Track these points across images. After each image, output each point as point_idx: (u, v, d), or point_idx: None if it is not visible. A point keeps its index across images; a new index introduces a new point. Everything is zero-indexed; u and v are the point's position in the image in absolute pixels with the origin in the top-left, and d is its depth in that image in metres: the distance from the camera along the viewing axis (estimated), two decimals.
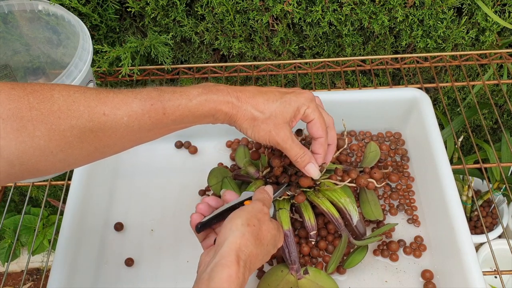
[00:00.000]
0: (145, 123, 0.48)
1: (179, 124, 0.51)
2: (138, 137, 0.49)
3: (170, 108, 0.49)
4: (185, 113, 0.50)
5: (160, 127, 0.50)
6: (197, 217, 0.55)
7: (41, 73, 0.87)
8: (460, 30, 0.87)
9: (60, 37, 0.80)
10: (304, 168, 0.58)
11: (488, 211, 1.16)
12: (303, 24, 0.88)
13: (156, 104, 0.48)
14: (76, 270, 0.63)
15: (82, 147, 0.45)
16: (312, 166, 0.58)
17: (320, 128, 0.57)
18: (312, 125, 0.57)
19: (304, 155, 0.56)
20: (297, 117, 0.56)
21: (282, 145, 0.55)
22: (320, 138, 0.58)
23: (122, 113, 0.46)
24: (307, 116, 0.56)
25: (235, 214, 0.51)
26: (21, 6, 0.77)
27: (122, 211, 0.73)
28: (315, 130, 0.57)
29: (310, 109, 0.56)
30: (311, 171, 0.58)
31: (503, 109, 1.09)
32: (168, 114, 0.49)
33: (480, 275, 0.58)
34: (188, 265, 0.68)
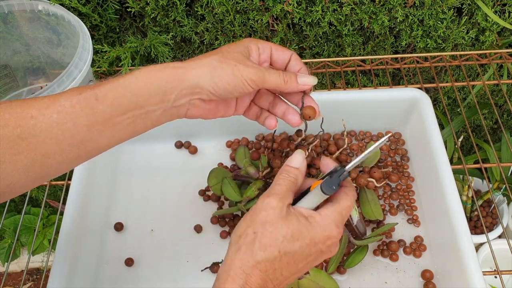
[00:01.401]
0: (79, 116, 0.42)
1: (123, 112, 0.44)
2: (82, 138, 0.43)
3: (102, 91, 0.43)
4: (120, 92, 0.43)
5: (101, 121, 0.43)
6: None
7: (41, 73, 0.87)
8: (460, 30, 0.87)
9: (60, 37, 0.80)
10: (298, 82, 0.51)
11: (488, 211, 1.16)
12: (303, 24, 0.88)
13: (86, 91, 0.43)
14: (76, 270, 0.63)
15: (17, 160, 0.40)
16: (302, 75, 0.51)
17: (283, 49, 0.52)
18: (274, 52, 0.52)
19: (287, 73, 0.50)
20: (253, 52, 0.51)
21: (256, 76, 0.48)
22: (291, 55, 0.53)
23: (51, 111, 0.41)
24: (262, 48, 0.52)
25: (239, 222, 0.45)
26: (21, 6, 0.77)
27: (122, 211, 0.73)
28: (281, 53, 0.52)
29: (263, 43, 0.52)
30: (306, 80, 0.51)
31: (503, 109, 1.09)
32: (101, 98, 0.43)
33: (480, 275, 0.58)
34: (188, 265, 0.68)
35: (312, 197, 0.47)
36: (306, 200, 0.47)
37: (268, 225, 0.43)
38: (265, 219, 0.44)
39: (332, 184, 0.46)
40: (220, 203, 0.74)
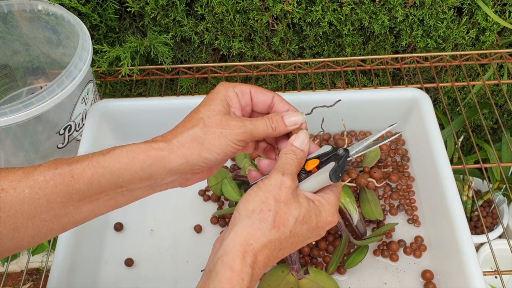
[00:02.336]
0: (52, 192, 0.40)
1: (102, 190, 0.42)
2: (56, 214, 0.41)
3: (79, 168, 0.41)
4: (98, 172, 0.41)
5: (77, 198, 0.41)
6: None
7: (40, 73, 0.86)
8: (460, 30, 0.87)
9: (59, 37, 0.80)
10: (286, 124, 0.48)
11: (488, 211, 1.16)
12: (303, 24, 0.88)
13: (62, 167, 0.41)
14: (75, 270, 0.63)
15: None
16: (289, 115, 0.49)
17: (263, 92, 0.50)
18: (254, 95, 0.50)
19: (272, 117, 0.48)
20: (232, 101, 0.48)
21: (243, 136, 0.46)
22: (273, 97, 0.50)
23: (23, 185, 0.39)
24: (241, 93, 0.49)
25: (247, 194, 0.44)
26: (21, 6, 0.77)
27: (121, 211, 0.73)
28: (261, 96, 0.50)
29: (240, 87, 0.49)
30: (294, 119, 0.49)
31: (503, 109, 1.09)
32: (77, 176, 0.41)
33: (481, 275, 0.58)
34: (188, 265, 0.68)
35: (315, 182, 0.47)
36: (309, 184, 0.47)
37: (283, 205, 0.43)
38: (280, 198, 0.43)
39: (339, 171, 0.46)
40: (220, 203, 0.73)
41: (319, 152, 0.49)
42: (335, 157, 0.47)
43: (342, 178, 0.47)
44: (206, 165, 0.46)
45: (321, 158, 0.48)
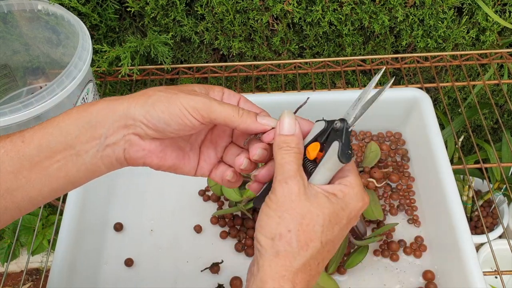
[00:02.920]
0: (3, 161, 0.38)
1: (51, 154, 0.39)
2: (8, 187, 0.39)
3: (29, 132, 0.39)
4: (48, 131, 0.39)
5: (28, 166, 0.39)
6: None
7: (40, 73, 0.86)
8: (460, 30, 0.87)
9: (59, 36, 0.80)
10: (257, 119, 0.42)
11: (488, 211, 1.16)
12: (303, 23, 0.88)
13: (14, 134, 0.39)
14: (75, 270, 0.63)
15: None
16: (264, 116, 0.42)
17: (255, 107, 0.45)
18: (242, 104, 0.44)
19: (242, 110, 0.42)
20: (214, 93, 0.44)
21: (200, 104, 0.39)
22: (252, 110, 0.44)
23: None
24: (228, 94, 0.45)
25: (260, 219, 0.39)
26: (21, 5, 0.77)
27: (121, 211, 0.73)
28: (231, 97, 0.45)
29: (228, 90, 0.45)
30: (267, 121, 0.42)
31: (503, 109, 1.09)
32: (27, 140, 0.39)
33: (481, 275, 0.58)
34: (188, 265, 0.68)
35: (326, 171, 0.41)
36: (320, 176, 0.41)
37: (301, 217, 0.38)
38: (294, 210, 0.38)
39: (347, 148, 0.40)
40: (220, 203, 0.73)
41: (315, 133, 0.43)
42: (334, 133, 0.42)
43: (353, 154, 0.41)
44: (148, 123, 0.39)
45: (320, 139, 0.42)
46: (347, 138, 0.41)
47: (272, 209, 0.39)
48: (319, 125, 0.43)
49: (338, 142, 0.40)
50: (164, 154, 0.43)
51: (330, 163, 0.41)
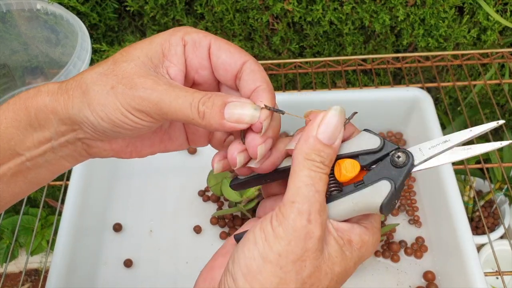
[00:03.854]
0: None
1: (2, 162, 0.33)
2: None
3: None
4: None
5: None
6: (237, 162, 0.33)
7: (39, 72, 0.86)
8: (461, 29, 0.86)
9: (58, 36, 0.80)
10: (224, 116, 0.31)
11: (489, 212, 1.15)
12: (303, 23, 0.88)
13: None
14: (74, 271, 0.63)
15: None
16: (237, 104, 0.31)
17: (230, 49, 0.33)
18: (215, 51, 0.33)
19: (208, 98, 0.31)
20: (171, 51, 0.33)
21: (146, 104, 0.30)
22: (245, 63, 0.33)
23: None
24: (192, 43, 0.33)
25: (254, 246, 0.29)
26: (20, 5, 0.77)
27: (120, 211, 0.73)
28: (225, 54, 0.33)
29: (196, 33, 0.33)
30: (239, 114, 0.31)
31: (504, 109, 1.09)
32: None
33: (482, 276, 0.57)
34: (188, 265, 0.67)
35: (352, 206, 0.30)
36: (342, 208, 0.31)
37: (307, 276, 0.28)
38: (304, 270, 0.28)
39: (396, 197, 0.30)
40: (220, 204, 0.73)
41: (357, 147, 0.32)
42: (389, 165, 0.31)
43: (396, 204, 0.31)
44: (94, 131, 0.32)
45: (362, 161, 0.31)
46: (403, 182, 0.30)
47: (274, 251, 0.28)
48: (369, 140, 0.32)
49: (391, 184, 0.30)
50: (134, 148, 0.36)
51: (363, 202, 0.30)
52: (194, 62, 0.34)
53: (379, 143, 0.31)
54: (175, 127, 0.37)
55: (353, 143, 0.32)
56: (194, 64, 0.34)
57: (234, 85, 0.34)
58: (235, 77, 0.34)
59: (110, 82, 0.31)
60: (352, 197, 0.30)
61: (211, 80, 0.35)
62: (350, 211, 0.30)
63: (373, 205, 0.30)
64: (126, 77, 0.31)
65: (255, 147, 0.32)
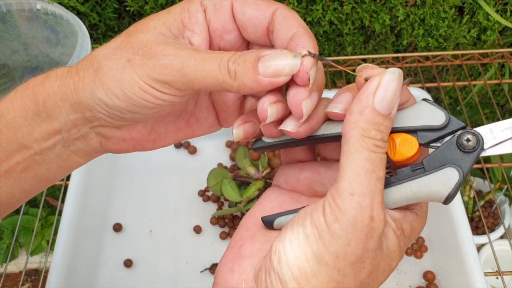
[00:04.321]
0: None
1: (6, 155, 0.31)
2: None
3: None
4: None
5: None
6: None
7: (39, 72, 0.86)
8: (461, 29, 0.86)
9: (58, 36, 0.80)
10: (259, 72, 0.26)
11: (489, 212, 1.15)
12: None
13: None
14: (74, 271, 0.63)
15: None
16: (273, 56, 0.27)
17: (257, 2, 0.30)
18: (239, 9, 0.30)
19: (237, 56, 0.27)
20: (191, 19, 0.30)
21: (168, 74, 0.27)
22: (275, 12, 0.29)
23: None
24: (213, 6, 0.30)
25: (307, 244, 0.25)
26: (20, 5, 0.77)
27: (120, 211, 0.73)
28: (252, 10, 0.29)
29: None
30: (277, 62, 0.26)
31: (505, 109, 1.09)
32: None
33: (482, 276, 0.57)
34: (188, 266, 0.67)
35: (409, 194, 0.27)
36: (397, 195, 0.27)
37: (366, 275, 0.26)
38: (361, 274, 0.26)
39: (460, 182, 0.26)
40: (220, 204, 0.73)
41: (417, 121, 0.27)
42: (455, 147, 0.26)
43: None
44: (109, 114, 0.29)
45: (421, 138, 0.27)
46: (471, 166, 0.26)
47: (331, 252, 0.25)
48: (431, 113, 0.27)
49: (459, 172, 0.26)
50: (158, 135, 0.33)
51: (425, 193, 0.26)
52: (218, 26, 0.30)
53: (444, 119, 0.27)
54: (202, 106, 0.33)
55: (411, 114, 0.27)
56: (218, 29, 0.30)
57: (267, 41, 0.30)
58: (267, 30, 0.30)
59: (125, 55, 0.28)
60: (410, 185, 0.26)
61: (239, 43, 0.31)
62: (407, 199, 0.27)
63: (438, 196, 0.26)
64: (143, 47, 0.28)
65: (299, 102, 0.27)
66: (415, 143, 0.27)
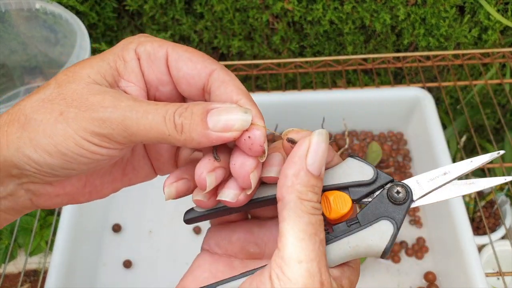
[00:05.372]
0: None
1: None
2: None
3: None
4: None
5: None
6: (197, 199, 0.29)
7: (38, 72, 0.86)
8: (462, 28, 0.86)
9: (57, 36, 0.80)
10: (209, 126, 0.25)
11: (490, 212, 1.15)
12: (303, 22, 0.87)
13: None
14: (73, 271, 0.62)
15: None
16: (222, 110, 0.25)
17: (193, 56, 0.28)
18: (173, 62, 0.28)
19: (185, 108, 0.26)
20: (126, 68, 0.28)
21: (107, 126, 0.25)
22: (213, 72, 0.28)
23: None
24: (147, 55, 0.28)
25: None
26: (19, 4, 0.77)
27: (119, 212, 0.73)
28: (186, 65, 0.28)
29: (150, 44, 0.28)
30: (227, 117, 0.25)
31: (506, 109, 1.08)
32: None
33: (483, 277, 0.57)
34: (187, 266, 0.67)
35: (347, 250, 0.26)
36: (334, 253, 0.27)
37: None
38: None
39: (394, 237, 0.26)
40: None
41: (347, 178, 0.28)
42: (385, 201, 0.27)
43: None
44: (40, 172, 0.26)
45: (352, 194, 0.27)
46: (402, 221, 0.27)
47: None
48: (359, 169, 0.28)
49: (392, 224, 0.26)
50: (93, 187, 0.30)
51: (363, 247, 0.26)
52: (152, 78, 0.28)
53: (373, 174, 0.27)
54: (139, 154, 0.32)
55: (340, 172, 0.28)
56: (153, 80, 0.28)
57: (203, 99, 0.29)
58: (202, 90, 0.28)
59: (57, 108, 0.25)
60: (348, 240, 0.26)
61: (175, 96, 0.29)
62: (347, 256, 0.26)
63: (375, 249, 0.26)
64: (77, 99, 0.25)
65: (247, 174, 0.26)
66: (348, 199, 0.27)
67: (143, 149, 0.32)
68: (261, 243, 0.31)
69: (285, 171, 0.25)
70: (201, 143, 0.25)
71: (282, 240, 0.24)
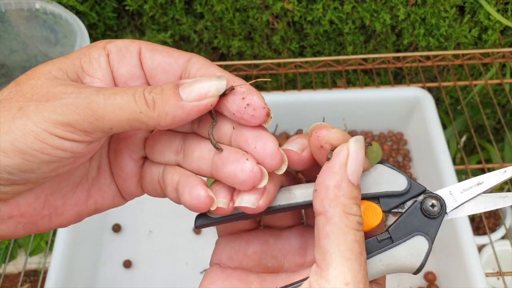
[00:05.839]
0: None
1: None
2: None
3: None
4: None
5: None
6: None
7: None
8: (462, 28, 0.86)
9: (57, 36, 0.80)
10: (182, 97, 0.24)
11: (490, 212, 1.15)
12: (303, 22, 0.87)
13: None
14: (73, 271, 0.62)
15: None
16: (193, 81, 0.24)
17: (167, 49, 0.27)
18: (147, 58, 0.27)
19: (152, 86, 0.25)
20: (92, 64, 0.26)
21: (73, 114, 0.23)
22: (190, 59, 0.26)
23: None
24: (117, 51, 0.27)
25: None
26: (19, 4, 0.77)
27: (119, 212, 0.72)
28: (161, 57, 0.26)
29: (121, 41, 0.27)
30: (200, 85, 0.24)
31: (506, 109, 1.08)
32: None
33: (483, 277, 0.57)
34: (187, 266, 0.67)
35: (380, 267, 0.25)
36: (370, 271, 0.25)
37: None
38: None
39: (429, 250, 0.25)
40: None
41: (378, 188, 0.26)
42: (418, 214, 0.25)
43: None
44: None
45: (383, 205, 0.26)
46: (436, 232, 0.25)
47: None
48: (391, 178, 0.26)
49: (428, 241, 0.24)
50: (53, 209, 0.27)
51: (396, 265, 0.25)
52: (122, 71, 0.26)
53: (406, 184, 0.25)
54: (105, 172, 0.29)
55: (371, 180, 0.26)
56: (123, 75, 0.26)
57: None
58: (180, 79, 0.26)
59: (15, 104, 0.23)
60: (380, 258, 0.24)
61: None
62: (378, 274, 0.25)
63: (409, 267, 0.24)
64: (38, 92, 0.23)
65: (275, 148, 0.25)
66: (379, 211, 0.25)
67: (108, 167, 0.30)
68: (279, 255, 0.29)
69: (325, 182, 0.23)
70: (176, 116, 0.24)
71: (326, 259, 0.22)
